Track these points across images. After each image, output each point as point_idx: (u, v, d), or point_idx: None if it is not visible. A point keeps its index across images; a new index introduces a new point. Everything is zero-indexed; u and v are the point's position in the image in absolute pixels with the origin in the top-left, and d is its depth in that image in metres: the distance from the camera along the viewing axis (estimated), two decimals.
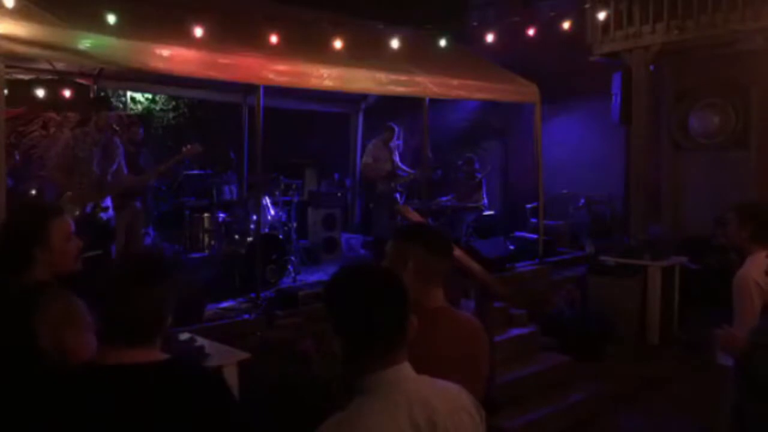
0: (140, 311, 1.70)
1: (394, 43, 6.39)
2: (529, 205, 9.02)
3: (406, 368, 1.57)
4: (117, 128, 5.52)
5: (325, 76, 5.72)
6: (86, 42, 4.49)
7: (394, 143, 8.20)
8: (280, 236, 6.47)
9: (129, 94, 9.00)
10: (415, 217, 4.97)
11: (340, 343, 1.56)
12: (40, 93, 7.33)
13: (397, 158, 8.16)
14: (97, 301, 1.76)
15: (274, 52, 5.50)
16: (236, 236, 6.41)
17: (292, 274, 6.37)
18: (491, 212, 8.95)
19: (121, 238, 5.54)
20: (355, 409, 1.53)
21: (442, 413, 1.54)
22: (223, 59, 5.18)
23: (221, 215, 6.68)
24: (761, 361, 2.76)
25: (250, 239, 6.19)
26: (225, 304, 5.41)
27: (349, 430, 1.49)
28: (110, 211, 5.33)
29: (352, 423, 1.50)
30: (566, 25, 7.27)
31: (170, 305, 1.77)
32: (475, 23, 9.28)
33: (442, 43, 6.94)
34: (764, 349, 2.75)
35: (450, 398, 1.60)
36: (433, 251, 2.15)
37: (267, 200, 6.62)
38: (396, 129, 8.16)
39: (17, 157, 7.29)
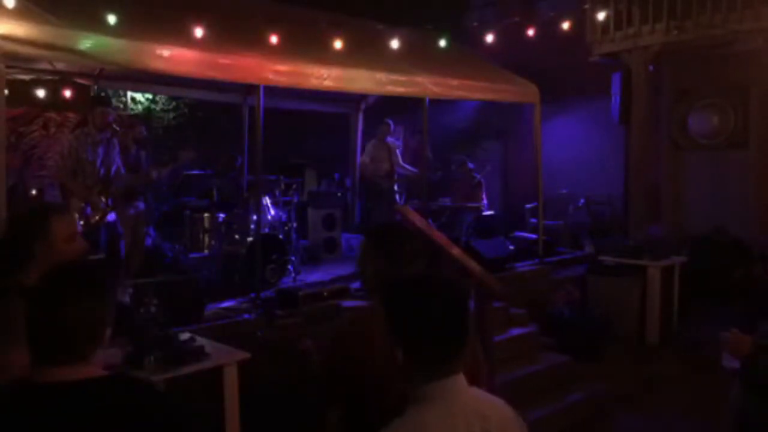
0: (69, 326, 1.54)
1: (394, 43, 6.40)
2: (528, 205, 9.03)
3: (461, 379, 1.59)
4: (118, 128, 5.52)
5: (325, 76, 5.72)
6: (86, 42, 4.49)
7: (392, 141, 8.19)
8: (280, 236, 6.47)
9: (129, 94, 9.00)
10: (415, 217, 4.98)
11: (400, 351, 1.56)
12: (41, 93, 7.34)
13: (398, 157, 8.15)
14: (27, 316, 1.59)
15: (274, 53, 5.51)
16: (236, 236, 6.41)
17: (292, 274, 6.37)
18: (491, 212, 8.96)
19: (128, 238, 5.55)
20: (414, 416, 1.54)
21: (494, 424, 1.58)
22: (223, 59, 5.18)
23: (221, 215, 6.68)
24: (766, 364, 2.76)
25: (250, 239, 6.19)
26: (225, 304, 5.41)
27: None
28: (113, 213, 5.33)
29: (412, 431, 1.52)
30: (566, 25, 7.28)
31: (104, 318, 1.62)
32: (475, 23, 9.29)
33: (442, 43, 6.94)
34: None
35: (499, 410, 1.64)
36: (393, 262, 2.13)
37: (267, 200, 6.62)
38: (391, 124, 8.17)
39: (18, 158, 7.30)
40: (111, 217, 5.29)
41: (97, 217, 5.16)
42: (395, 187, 8.12)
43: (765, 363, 2.77)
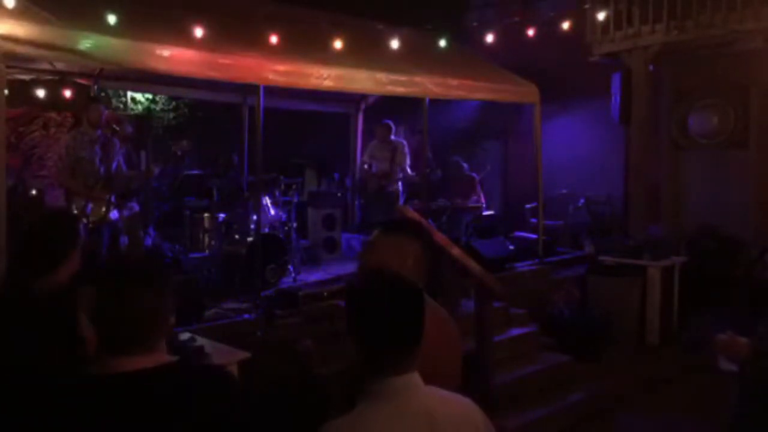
0: (137, 317, 1.62)
1: (394, 43, 6.40)
2: (528, 205, 9.02)
3: (415, 378, 1.58)
4: (117, 128, 5.52)
5: (325, 76, 5.72)
6: (86, 42, 4.49)
7: (399, 141, 8.10)
8: (280, 236, 6.47)
9: (129, 94, 9.00)
10: (414, 217, 4.98)
11: (355, 345, 1.58)
12: (41, 93, 7.33)
13: (404, 159, 7.93)
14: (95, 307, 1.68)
15: (274, 52, 5.51)
16: (236, 236, 6.41)
17: (292, 274, 6.37)
18: (491, 212, 8.95)
19: (125, 238, 5.56)
20: (358, 414, 1.54)
21: (444, 426, 1.54)
22: (223, 59, 5.18)
23: (221, 215, 6.68)
24: (764, 368, 2.73)
25: (250, 239, 6.19)
26: (225, 304, 5.41)
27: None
28: (115, 212, 5.34)
29: (353, 428, 1.52)
30: (566, 25, 7.28)
31: (167, 308, 1.70)
32: (475, 23, 9.29)
33: (442, 43, 6.94)
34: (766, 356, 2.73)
35: (456, 412, 1.60)
36: (422, 247, 2.08)
37: (267, 200, 6.62)
38: (391, 124, 8.05)
39: (18, 158, 7.29)
40: (114, 215, 5.29)
41: (100, 214, 5.16)
42: (397, 188, 7.97)
43: (762, 367, 2.73)
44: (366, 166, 8.09)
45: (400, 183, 8.02)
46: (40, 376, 1.84)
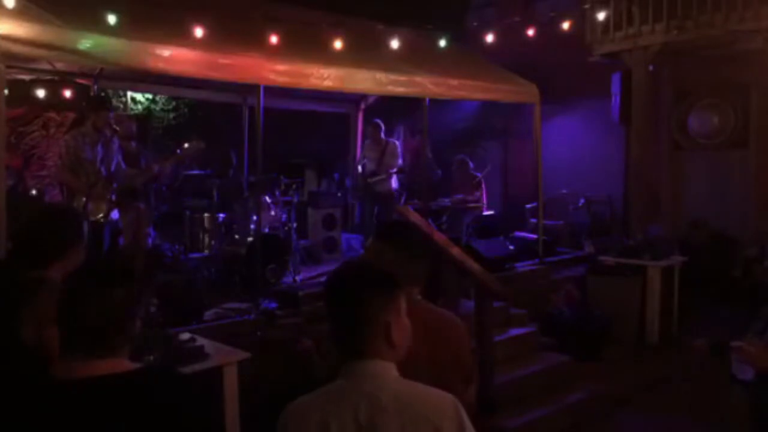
0: (97, 319, 1.56)
1: (394, 44, 6.39)
2: (528, 205, 9.02)
3: (376, 365, 1.62)
4: (117, 128, 5.51)
5: (324, 76, 5.72)
6: (86, 42, 4.49)
7: (391, 140, 8.07)
8: (280, 236, 6.47)
9: (129, 94, 9.00)
10: (415, 217, 4.98)
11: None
12: (41, 93, 7.33)
13: (393, 158, 7.86)
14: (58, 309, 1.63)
15: (274, 52, 5.50)
16: (236, 236, 6.41)
17: (292, 274, 6.37)
18: (491, 212, 8.95)
19: (128, 238, 5.54)
20: (317, 392, 1.64)
21: (390, 418, 1.53)
22: (223, 59, 5.17)
23: (221, 215, 6.67)
24: None
25: (250, 239, 6.19)
26: (225, 304, 5.41)
27: (299, 408, 1.62)
28: (116, 211, 5.33)
29: (308, 403, 1.62)
30: (566, 25, 7.28)
31: (132, 311, 1.64)
32: (475, 23, 9.30)
33: (442, 43, 6.93)
34: None
35: (416, 407, 1.56)
36: (407, 255, 2.13)
37: (267, 200, 6.62)
38: (380, 124, 7.93)
39: (18, 158, 7.29)
40: (114, 215, 5.28)
41: (100, 215, 5.15)
42: (389, 188, 7.87)
43: None
44: (360, 167, 8.08)
45: (393, 183, 7.93)
46: None
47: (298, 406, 1.63)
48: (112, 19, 4.63)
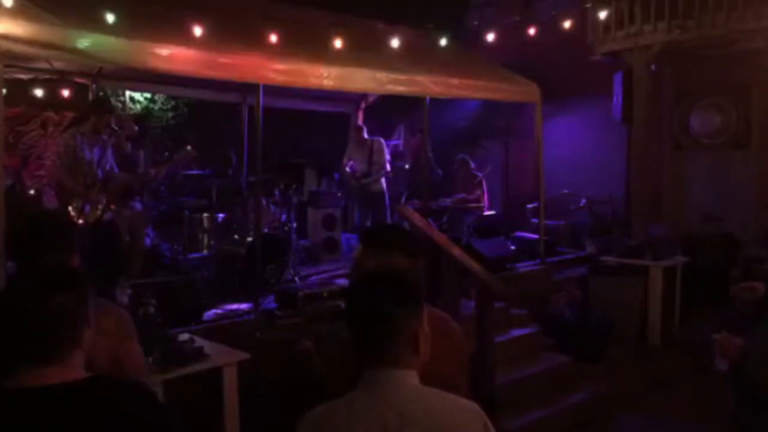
0: (41, 325, 1.48)
1: (394, 43, 6.37)
2: (529, 205, 9.00)
3: (402, 375, 1.59)
4: (117, 129, 5.49)
5: (324, 76, 5.70)
6: (85, 41, 4.46)
7: (378, 140, 8.08)
8: (280, 236, 6.45)
9: (128, 93, 8.97)
10: (415, 217, 4.96)
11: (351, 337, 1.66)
12: (39, 92, 7.30)
13: (381, 158, 7.90)
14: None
15: (274, 52, 5.48)
16: (235, 236, 6.39)
17: (292, 274, 6.35)
18: (492, 212, 8.93)
19: (125, 239, 5.52)
20: (338, 402, 1.60)
21: (414, 424, 1.52)
22: (223, 59, 5.15)
23: (220, 215, 6.65)
24: (754, 369, 2.71)
25: (249, 239, 6.16)
26: (224, 305, 5.39)
27: (321, 419, 1.58)
28: (110, 213, 5.30)
29: (329, 414, 1.58)
30: (567, 24, 7.26)
31: (81, 317, 1.56)
32: (475, 22, 9.27)
33: (442, 42, 6.92)
34: (757, 356, 2.71)
35: (445, 419, 1.56)
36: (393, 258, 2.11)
37: (267, 200, 6.60)
38: (363, 127, 8.07)
39: (16, 157, 7.28)
40: (109, 216, 5.26)
41: (97, 215, 5.13)
42: (381, 187, 7.93)
43: (751, 369, 2.72)
44: (347, 168, 8.10)
45: (383, 182, 7.98)
46: None
47: (320, 416, 1.60)
48: (111, 18, 4.61)
